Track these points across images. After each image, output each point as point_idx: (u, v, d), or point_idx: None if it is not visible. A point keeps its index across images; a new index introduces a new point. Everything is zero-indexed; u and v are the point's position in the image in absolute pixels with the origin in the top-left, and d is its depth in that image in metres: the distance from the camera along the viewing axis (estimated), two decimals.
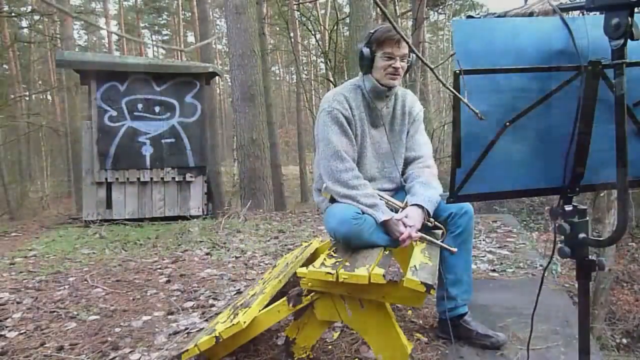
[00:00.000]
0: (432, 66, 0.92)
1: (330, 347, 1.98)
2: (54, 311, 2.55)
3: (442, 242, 1.93)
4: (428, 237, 1.91)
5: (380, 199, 1.95)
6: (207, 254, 3.95)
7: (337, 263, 1.69)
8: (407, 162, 2.14)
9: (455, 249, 1.89)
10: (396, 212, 1.93)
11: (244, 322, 1.63)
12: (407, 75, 2.10)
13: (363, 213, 1.87)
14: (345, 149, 1.95)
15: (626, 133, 0.95)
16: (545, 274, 1.20)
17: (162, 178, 5.93)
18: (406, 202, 1.95)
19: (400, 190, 2.12)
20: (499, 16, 1.14)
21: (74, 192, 14.41)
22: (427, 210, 1.90)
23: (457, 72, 0.95)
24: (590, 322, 1.16)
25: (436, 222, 1.96)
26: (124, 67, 5.83)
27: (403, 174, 2.15)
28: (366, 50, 1.95)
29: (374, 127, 2.07)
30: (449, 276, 1.97)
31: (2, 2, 13.29)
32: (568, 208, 1.09)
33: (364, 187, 1.92)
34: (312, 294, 1.72)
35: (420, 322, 2.26)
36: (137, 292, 2.87)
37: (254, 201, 6.97)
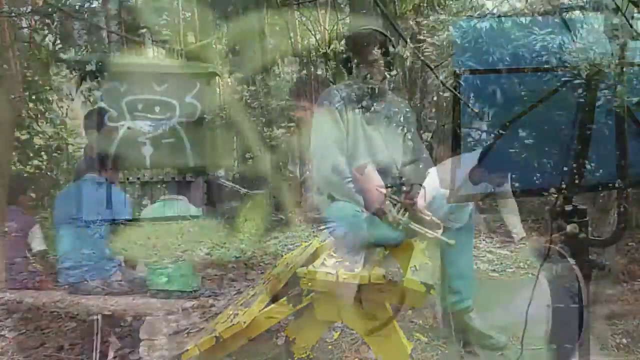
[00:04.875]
0: (432, 66, 0.92)
1: (330, 347, 1.98)
2: (54, 311, 2.55)
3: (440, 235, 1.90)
4: (425, 230, 1.88)
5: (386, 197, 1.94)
6: (207, 254, 3.94)
7: (337, 263, 1.69)
8: (403, 165, 2.15)
9: (453, 242, 1.87)
10: (394, 206, 1.92)
11: (244, 322, 1.63)
12: (407, 75, 2.12)
13: (363, 212, 1.87)
14: (338, 143, 1.98)
15: (626, 133, 0.95)
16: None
17: (162, 178, 5.93)
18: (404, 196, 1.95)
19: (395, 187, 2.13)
20: (499, 16, 1.14)
21: None
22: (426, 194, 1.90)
23: (457, 72, 0.95)
24: (590, 322, 1.16)
25: (433, 218, 1.95)
26: (124, 67, 5.83)
27: (402, 177, 2.15)
28: (347, 55, 2.04)
29: (368, 124, 2.08)
30: (452, 270, 1.97)
31: (2, 2, 13.31)
32: (568, 208, 1.09)
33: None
34: (312, 294, 1.72)
35: (420, 322, 2.26)
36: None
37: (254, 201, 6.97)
